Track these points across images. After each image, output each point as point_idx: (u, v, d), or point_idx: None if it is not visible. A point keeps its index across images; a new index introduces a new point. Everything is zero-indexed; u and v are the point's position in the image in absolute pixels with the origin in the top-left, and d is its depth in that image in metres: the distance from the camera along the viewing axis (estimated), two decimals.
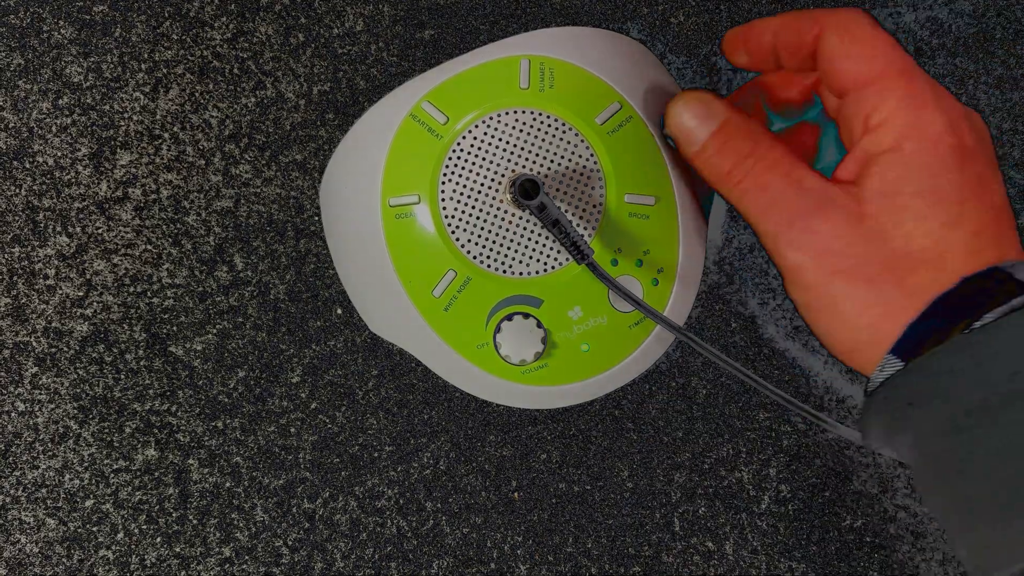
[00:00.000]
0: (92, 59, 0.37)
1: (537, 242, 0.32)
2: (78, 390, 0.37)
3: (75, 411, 0.37)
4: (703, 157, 0.29)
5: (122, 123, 0.37)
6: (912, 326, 0.25)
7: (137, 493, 0.38)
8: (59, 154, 0.37)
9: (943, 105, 0.27)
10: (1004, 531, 0.22)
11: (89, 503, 0.37)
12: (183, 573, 0.38)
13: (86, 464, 0.37)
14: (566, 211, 0.32)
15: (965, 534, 0.24)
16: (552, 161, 0.32)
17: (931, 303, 0.25)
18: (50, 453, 0.37)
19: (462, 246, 0.32)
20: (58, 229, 0.37)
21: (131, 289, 0.37)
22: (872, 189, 0.27)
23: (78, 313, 0.37)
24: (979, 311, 0.24)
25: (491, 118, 0.32)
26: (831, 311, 0.27)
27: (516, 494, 0.39)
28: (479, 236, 0.32)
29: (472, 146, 0.32)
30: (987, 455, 0.23)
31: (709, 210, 0.35)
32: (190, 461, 0.38)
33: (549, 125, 0.32)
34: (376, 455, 0.38)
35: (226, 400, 0.38)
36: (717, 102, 0.30)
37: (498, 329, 0.32)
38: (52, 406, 0.37)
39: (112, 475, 0.37)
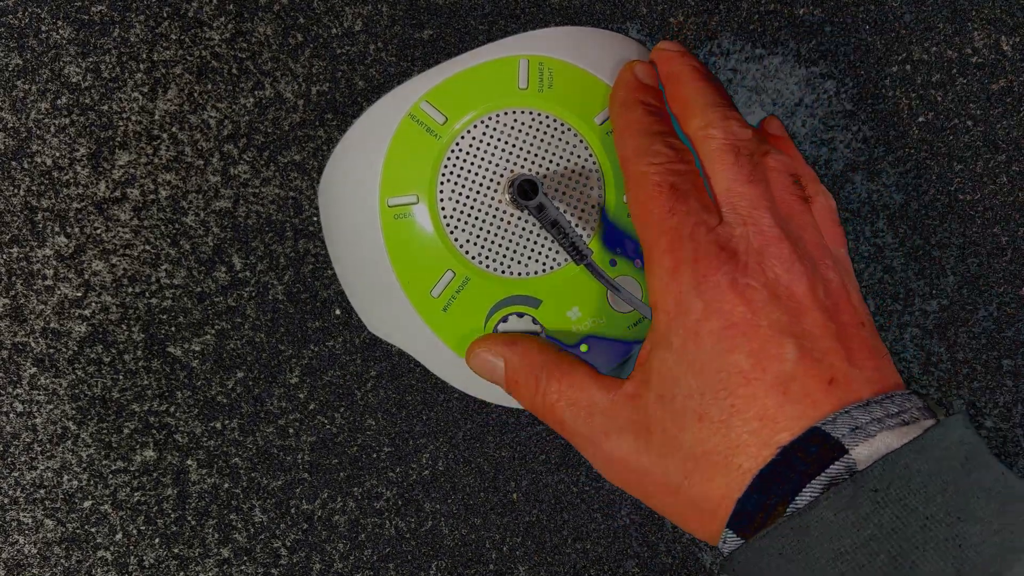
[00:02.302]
0: (90, 59, 0.37)
1: (536, 242, 0.32)
2: (76, 391, 0.37)
3: (73, 412, 0.37)
4: (512, 393, 0.30)
5: (120, 123, 0.37)
6: (740, 501, 0.25)
7: (135, 494, 0.38)
8: (57, 154, 0.37)
9: (708, 280, 0.25)
10: None
11: (87, 504, 0.37)
12: (181, 574, 0.38)
13: (84, 465, 0.37)
14: (565, 211, 0.32)
15: None
16: (551, 161, 0.32)
17: (751, 481, 0.24)
18: (48, 454, 0.37)
19: (461, 246, 0.32)
20: (56, 229, 0.37)
21: (129, 290, 0.37)
22: (652, 394, 0.26)
23: (76, 314, 0.37)
24: (802, 480, 0.23)
25: (490, 118, 0.32)
26: (660, 511, 0.27)
27: (515, 495, 0.39)
28: (478, 236, 0.32)
29: (471, 146, 0.32)
30: None
31: None
32: (188, 462, 0.38)
33: (548, 125, 0.32)
34: (375, 456, 0.38)
35: (224, 401, 0.38)
36: (497, 343, 0.31)
37: (496, 332, 0.32)
38: (50, 407, 0.37)
39: (110, 476, 0.37)
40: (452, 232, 0.32)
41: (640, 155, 0.29)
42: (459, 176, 0.32)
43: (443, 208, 0.32)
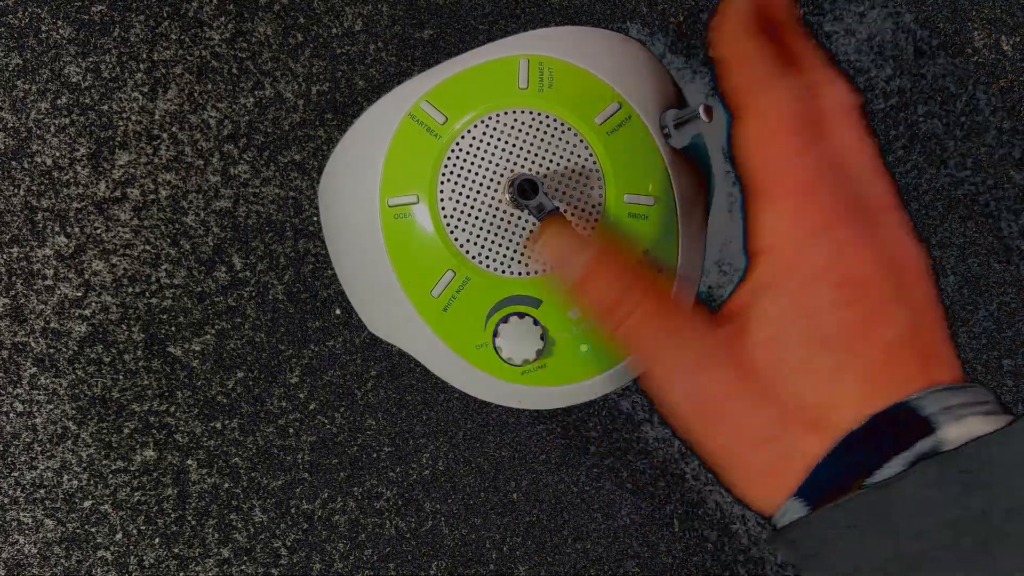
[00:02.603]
0: (91, 59, 0.37)
1: None
2: (76, 390, 0.37)
3: (74, 411, 0.37)
4: (581, 296, 0.28)
5: (120, 123, 0.37)
6: (817, 467, 0.24)
7: (136, 494, 0.38)
8: (57, 154, 0.37)
9: (832, 232, 0.24)
10: None
11: (88, 504, 0.37)
12: (181, 574, 0.38)
13: (84, 465, 0.37)
14: (565, 211, 0.32)
15: None
16: (551, 161, 0.32)
17: (834, 446, 0.23)
18: (49, 454, 0.37)
19: (461, 246, 0.32)
20: (56, 229, 0.37)
21: (130, 289, 0.37)
22: (758, 337, 0.25)
23: (77, 313, 0.37)
24: (886, 452, 0.23)
25: (490, 118, 0.32)
26: (725, 467, 0.26)
27: (515, 495, 0.39)
28: (478, 236, 0.32)
29: (471, 146, 0.32)
30: None
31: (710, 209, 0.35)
32: (189, 462, 0.38)
33: (548, 125, 0.32)
34: (375, 456, 0.38)
35: (224, 401, 0.38)
36: (584, 247, 0.28)
37: (496, 333, 0.32)
38: (51, 407, 0.37)
39: (111, 476, 0.37)
40: (452, 232, 0.32)
41: (769, 85, 0.26)
42: (459, 176, 0.32)
43: (443, 208, 0.32)
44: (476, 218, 0.32)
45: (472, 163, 0.32)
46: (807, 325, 0.24)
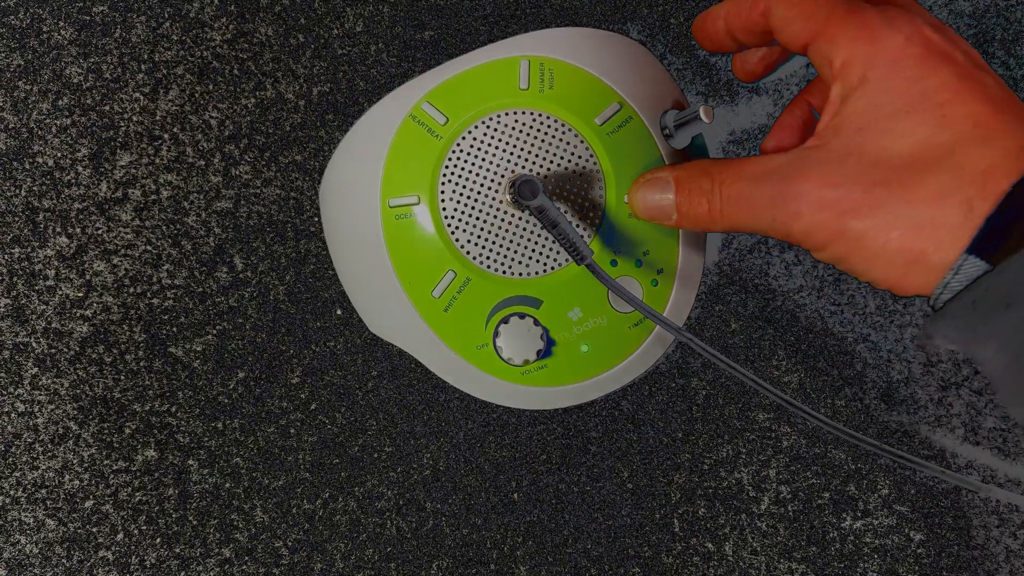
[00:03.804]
0: (92, 60, 0.37)
1: (537, 243, 0.32)
2: (78, 391, 0.37)
3: (75, 412, 0.37)
4: (683, 218, 0.30)
5: (122, 124, 0.37)
6: (989, 218, 0.23)
7: (137, 494, 0.38)
8: (59, 155, 0.37)
9: (896, 23, 0.26)
10: None
11: (89, 504, 0.37)
12: (183, 574, 0.38)
13: (86, 465, 0.37)
14: (566, 212, 0.32)
15: None
16: (552, 162, 0.32)
17: (1005, 195, 0.23)
18: (50, 454, 0.37)
19: (462, 247, 0.32)
20: (58, 230, 0.37)
21: (131, 290, 0.37)
22: (850, 127, 0.26)
23: (78, 314, 0.37)
24: None
25: (491, 119, 0.32)
26: (860, 251, 0.26)
27: (516, 495, 0.39)
28: (479, 237, 0.32)
29: (472, 147, 0.32)
30: None
31: None
32: (190, 462, 0.38)
33: (549, 126, 0.32)
34: (376, 456, 0.38)
35: (226, 401, 0.38)
36: (663, 170, 0.30)
37: (497, 333, 0.32)
38: (52, 407, 0.37)
39: (112, 476, 0.37)
40: (453, 232, 0.32)
41: None
42: (460, 176, 0.32)
43: (444, 208, 0.32)
44: (477, 219, 0.32)
45: (473, 164, 0.32)
46: (898, 100, 0.25)
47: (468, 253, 0.32)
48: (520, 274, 0.32)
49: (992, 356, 0.25)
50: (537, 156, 0.33)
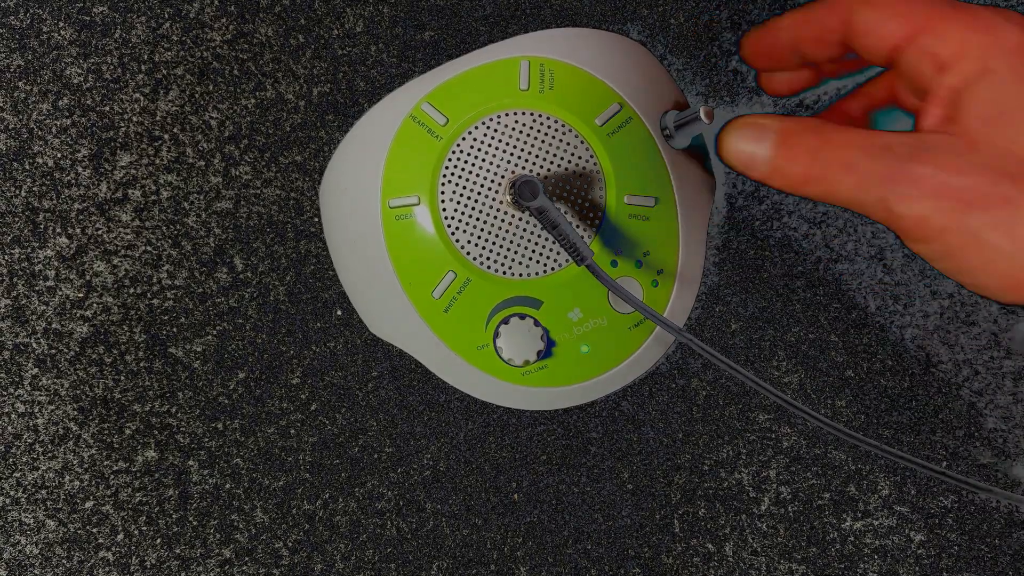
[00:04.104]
0: (92, 60, 0.37)
1: (537, 243, 0.32)
2: (78, 391, 0.37)
3: (75, 412, 0.37)
4: (775, 172, 0.28)
5: (122, 124, 0.37)
6: None
7: (137, 494, 0.38)
8: (59, 155, 0.37)
9: (1010, 16, 0.25)
10: None
11: (89, 504, 0.37)
12: (183, 574, 0.38)
13: (86, 465, 0.37)
14: (566, 212, 0.32)
15: None
16: (552, 163, 0.32)
17: None
18: (50, 454, 0.37)
19: (462, 247, 0.32)
20: (58, 230, 0.37)
21: (131, 290, 0.37)
22: (974, 117, 0.25)
23: (78, 314, 0.37)
24: None
25: (491, 119, 0.32)
26: (976, 247, 0.24)
27: (516, 495, 0.39)
28: (479, 237, 0.32)
29: (472, 147, 0.32)
30: None
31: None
32: (190, 462, 0.38)
33: (549, 126, 0.32)
34: (376, 456, 0.38)
35: (226, 401, 0.38)
36: (765, 118, 0.29)
37: (497, 334, 0.32)
38: (52, 407, 0.37)
39: (112, 476, 0.37)
40: (453, 233, 0.32)
41: None
42: (460, 177, 0.32)
43: (444, 209, 0.32)
44: (477, 219, 0.32)
45: (473, 164, 0.32)
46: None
47: (468, 254, 0.32)
48: (520, 275, 0.32)
49: None
50: (537, 157, 0.33)
